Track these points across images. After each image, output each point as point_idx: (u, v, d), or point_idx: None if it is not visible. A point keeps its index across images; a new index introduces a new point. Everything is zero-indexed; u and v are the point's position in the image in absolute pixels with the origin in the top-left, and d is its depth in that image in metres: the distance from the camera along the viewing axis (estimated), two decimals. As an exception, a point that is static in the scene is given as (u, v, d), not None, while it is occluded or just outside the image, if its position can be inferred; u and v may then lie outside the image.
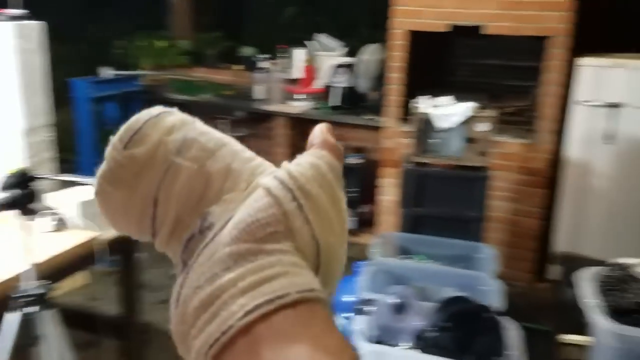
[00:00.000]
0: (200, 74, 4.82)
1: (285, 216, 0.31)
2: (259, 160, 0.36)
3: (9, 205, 1.62)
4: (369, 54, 4.03)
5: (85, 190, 2.17)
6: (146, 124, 0.35)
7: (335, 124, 3.82)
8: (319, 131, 0.36)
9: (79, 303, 3.08)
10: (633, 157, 3.02)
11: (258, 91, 4.46)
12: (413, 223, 2.70)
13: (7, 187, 1.63)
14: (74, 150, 3.62)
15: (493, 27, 3.45)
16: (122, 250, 2.38)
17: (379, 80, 4.03)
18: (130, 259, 2.48)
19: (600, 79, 3.06)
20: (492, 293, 1.98)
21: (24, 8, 2.37)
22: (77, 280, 3.22)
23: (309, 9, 5.06)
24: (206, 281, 0.30)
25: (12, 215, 1.67)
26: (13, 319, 1.69)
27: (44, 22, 2.34)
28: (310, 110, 4.23)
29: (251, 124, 4.68)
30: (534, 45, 3.52)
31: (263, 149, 4.64)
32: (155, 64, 4.65)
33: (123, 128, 0.35)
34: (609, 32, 3.39)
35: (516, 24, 3.41)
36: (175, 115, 0.36)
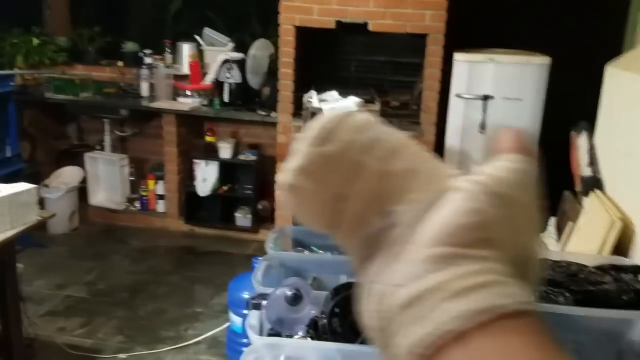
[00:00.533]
0: (80, 71, 4.54)
1: (489, 223, 0.31)
2: (440, 161, 0.36)
3: None
4: (259, 49, 4.03)
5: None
6: (336, 123, 0.35)
7: (227, 121, 3.82)
8: (512, 135, 0.35)
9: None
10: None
11: (144, 88, 4.29)
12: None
13: None
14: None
15: (377, 25, 3.59)
16: (-5, 262, 2.20)
17: (270, 75, 4.04)
18: (8, 271, 2.29)
19: (473, 73, 3.30)
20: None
21: None
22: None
23: (196, 3, 4.95)
24: (405, 280, 0.30)
25: None
26: None
27: None
28: (200, 107, 4.15)
29: (137, 122, 4.50)
30: (416, 42, 3.72)
31: (153, 149, 4.48)
32: (31, 62, 4.31)
33: (314, 126, 0.36)
34: (484, 29, 3.67)
35: (398, 21, 3.58)
36: (362, 115, 0.37)
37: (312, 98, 2.62)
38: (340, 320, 1.60)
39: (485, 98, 3.20)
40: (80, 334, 2.94)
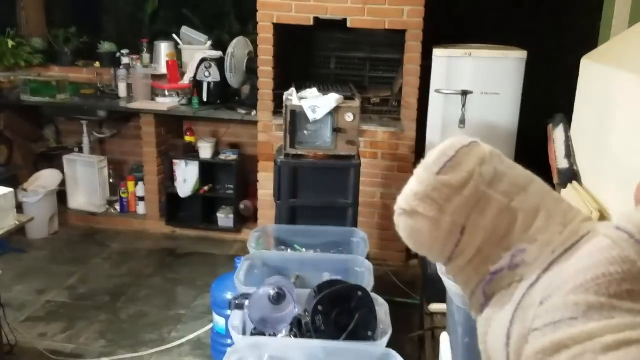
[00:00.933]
0: (56, 73, 4.46)
1: (639, 274, 0.29)
2: (569, 202, 0.35)
3: None
4: (237, 47, 4.00)
5: None
6: (459, 151, 0.35)
7: (206, 120, 3.78)
8: None
9: None
10: (480, 138, 3.30)
11: (121, 88, 4.23)
12: (289, 214, 2.74)
13: None
14: None
15: (355, 21, 3.59)
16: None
17: (249, 73, 4.01)
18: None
19: (452, 68, 3.31)
20: (365, 273, 2.08)
21: None
22: None
23: (172, 1, 4.90)
24: (546, 326, 0.29)
25: None
26: None
27: None
28: (178, 107, 4.10)
29: (115, 123, 4.44)
30: (395, 38, 3.73)
31: (132, 150, 4.43)
32: (5, 64, 4.23)
33: (436, 153, 0.35)
34: (462, 24, 3.69)
35: (376, 17, 3.58)
36: (484, 146, 0.36)
37: (292, 95, 2.61)
38: (323, 317, 1.60)
39: (464, 93, 3.22)
40: (61, 339, 2.89)
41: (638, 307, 0.29)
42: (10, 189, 2.26)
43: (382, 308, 1.75)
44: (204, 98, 4.09)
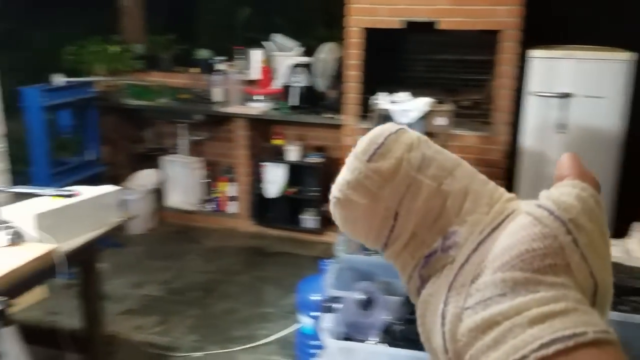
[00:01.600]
0: (155, 78, 4.73)
1: (562, 249, 0.30)
2: (494, 183, 0.36)
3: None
4: (326, 52, 4.05)
5: (40, 202, 2.10)
6: (388, 139, 0.36)
7: (294, 124, 3.85)
8: (572, 161, 0.35)
9: (38, 318, 2.99)
10: (583, 145, 3.13)
11: (216, 93, 4.41)
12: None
13: (-45, 202, 1.56)
14: (27, 161, 3.50)
15: (446, 23, 3.51)
16: (81, 261, 2.32)
17: (337, 78, 4.04)
18: (90, 270, 2.42)
19: (551, 70, 3.15)
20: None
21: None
22: (35, 294, 3.12)
23: (264, 9, 5.04)
24: (477, 304, 0.30)
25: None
26: (-32, 339, 1.63)
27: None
28: (269, 111, 4.22)
29: (210, 127, 4.63)
30: (487, 39, 3.60)
31: (224, 152, 4.60)
32: (109, 69, 4.53)
33: (365, 141, 0.36)
34: (559, 25, 3.50)
35: (468, 18, 3.48)
36: (411, 133, 0.37)
37: (380, 99, 2.59)
38: (415, 327, 1.56)
39: (565, 96, 3.05)
40: (156, 332, 3.05)
41: (560, 280, 0.30)
42: (117, 187, 2.41)
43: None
44: (293, 103, 4.17)
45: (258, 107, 4.25)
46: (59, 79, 3.69)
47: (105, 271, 2.87)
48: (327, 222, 4.24)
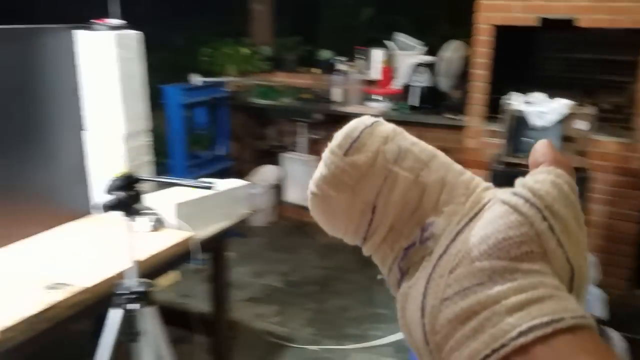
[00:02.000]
0: (280, 78, 4.90)
1: (539, 236, 0.30)
2: (470, 173, 0.36)
3: (115, 206, 1.71)
4: (451, 51, 3.94)
5: (180, 192, 2.26)
6: (363, 132, 0.36)
7: (414, 124, 3.79)
8: (546, 148, 0.35)
9: (171, 300, 3.23)
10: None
11: (335, 93, 4.47)
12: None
13: (113, 189, 1.73)
14: (165, 154, 3.79)
15: (586, 20, 3.26)
16: (212, 249, 2.47)
17: (461, 78, 3.92)
18: (220, 258, 2.56)
19: None
20: (593, 302, 1.87)
21: (122, 18, 2.51)
22: (169, 277, 3.37)
23: (386, 9, 5.02)
24: (456, 294, 0.30)
25: (116, 215, 1.77)
26: (116, 314, 1.79)
27: (140, 31, 2.46)
28: (387, 111, 4.20)
29: (329, 126, 4.70)
30: (631, 38, 3.30)
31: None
32: (239, 70, 4.78)
33: (341, 135, 0.36)
34: None
35: (611, 16, 3.21)
36: (386, 125, 0.37)
37: (513, 100, 2.47)
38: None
39: None
40: (275, 322, 3.16)
41: (536, 267, 0.30)
42: (247, 182, 2.54)
43: (617, 344, 1.55)
44: (414, 103, 4.11)
45: (377, 107, 4.25)
46: (196, 79, 3.95)
47: (232, 260, 3.03)
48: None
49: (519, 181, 0.33)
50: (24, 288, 1.79)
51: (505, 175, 2.54)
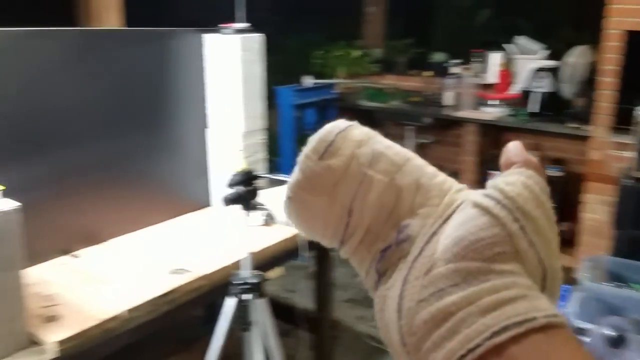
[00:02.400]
0: (389, 81, 4.89)
1: (510, 237, 0.31)
2: (443, 175, 0.37)
3: (235, 200, 1.80)
4: (576, 56, 3.70)
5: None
6: (337, 136, 0.36)
7: (532, 132, 3.60)
8: (517, 149, 0.35)
9: (275, 293, 3.33)
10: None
11: (447, 97, 4.37)
12: (629, 247, 2.40)
13: (234, 183, 1.82)
14: (275, 152, 3.93)
15: None
16: (318, 247, 2.51)
17: (586, 85, 3.67)
18: (325, 256, 2.60)
19: None
20: None
21: (247, 22, 2.63)
22: (275, 271, 3.48)
23: (504, 11, 4.83)
24: (431, 296, 0.30)
25: (234, 208, 1.86)
26: (231, 303, 1.88)
27: (263, 34, 2.56)
28: (503, 117, 4.03)
29: (438, 130, 4.61)
30: None
31: (450, 157, 4.54)
32: (349, 72, 4.83)
33: (315, 140, 0.36)
34: None
35: None
36: (360, 129, 0.38)
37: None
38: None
39: None
40: (375, 326, 3.14)
41: (509, 267, 0.30)
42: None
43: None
44: (533, 109, 3.91)
45: (492, 112, 4.10)
46: (308, 81, 4.05)
47: (335, 259, 3.07)
48: (562, 243, 3.89)
49: (490, 182, 0.34)
50: (150, 271, 1.94)
51: (635, 191, 2.35)
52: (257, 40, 2.46)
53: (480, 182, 4.15)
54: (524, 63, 4.07)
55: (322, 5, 4.62)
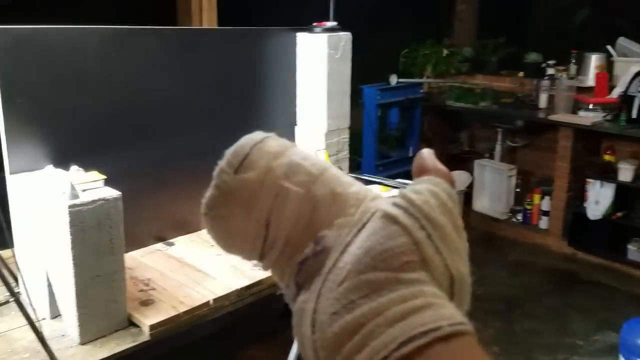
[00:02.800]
0: (479, 81, 4.72)
1: (417, 245, 0.31)
2: (359, 184, 0.36)
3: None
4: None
5: (376, 190, 2.30)
6: (252, 149, 0.36)
7: (632, 140, 3.35)
8: (427, 157, 0.36)
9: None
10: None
11: (542, 99, 4.16)
12: None
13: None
14: (357, 152, 3.91)
15: None
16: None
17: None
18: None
19: None
20: None
21: (335, 20, 2.63)
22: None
23: (607, 10, 4.52)
24: (343, 308, 0.30)
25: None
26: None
27: (350, 33, 2.55)
28: (601, 122, 3.77)
29: (529, 134, 4.40)
30: None
31: (542, 162, 4.33)
32: (436, 71, 4.72)
33: (230, 153, 0.36)
34: None
35: None
36: (277, 140, 0.37)
37: None
38: None
39: None
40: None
41: (416, 276, 0.30)
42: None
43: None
44: (634, 115, 3.64)
45: (589, 116, 3.85)
46: (394, 79, 4.00)
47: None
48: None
49: (399, 192, 0.34)
50: (235, 264, 1.99)
51: None
52: (343, 38, 2.46)
53: (576, 190, 3.92)
54: (624, 66, 3.80)
55: (410, 3, 4.55)
